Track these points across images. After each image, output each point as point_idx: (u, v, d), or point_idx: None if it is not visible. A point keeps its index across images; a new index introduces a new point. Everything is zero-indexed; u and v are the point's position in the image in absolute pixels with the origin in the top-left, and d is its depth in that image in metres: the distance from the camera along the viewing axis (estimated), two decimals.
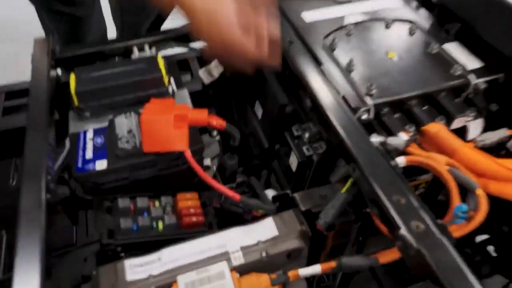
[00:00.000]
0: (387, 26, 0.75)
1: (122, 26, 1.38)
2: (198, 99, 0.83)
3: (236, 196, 0.52)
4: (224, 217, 0.66)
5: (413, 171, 0.59)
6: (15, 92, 1.32)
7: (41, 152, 0.51)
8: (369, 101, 0.60)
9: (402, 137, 0.58)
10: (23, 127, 1.18)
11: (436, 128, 0.59)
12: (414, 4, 0.82)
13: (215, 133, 0.85)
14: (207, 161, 0.82)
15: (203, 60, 0.84)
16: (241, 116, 0.85)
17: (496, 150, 0.66)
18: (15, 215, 1.01)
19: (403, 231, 0.43)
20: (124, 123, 0.63)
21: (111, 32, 1.42)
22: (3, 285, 0.79)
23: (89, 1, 1.25)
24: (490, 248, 0.84)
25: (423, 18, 0.78)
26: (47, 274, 0.43)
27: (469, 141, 0.64)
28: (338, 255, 0.63)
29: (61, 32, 1.25)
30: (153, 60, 0.66)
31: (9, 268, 0.93)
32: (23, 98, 1.33)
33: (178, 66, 0.80)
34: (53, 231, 0.60)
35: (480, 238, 0.84)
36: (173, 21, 0.75)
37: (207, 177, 0.53)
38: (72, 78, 0.62)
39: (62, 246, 0.91)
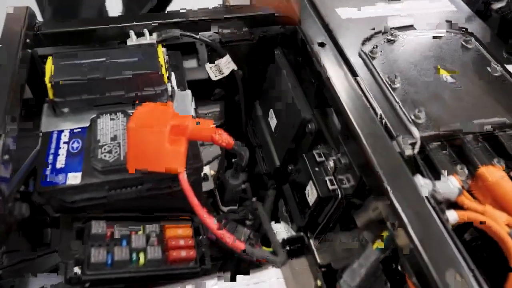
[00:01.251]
0: (438, 36, 0.62)
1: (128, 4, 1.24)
2: (204, 90, 0.71)
3: (240, 246, 0.41)
4: (219, 250, 0.54)
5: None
6: None
7: None
8: (416, 132, 0.47)
9: (454, 184, 0.46)
10: None
11: (497, 175, 0.47)
12: (467, 12, 0.69)
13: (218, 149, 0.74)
14: (205, 169, 0.70)
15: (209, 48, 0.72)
16: (251, 123, 0.73)
17: None
18: None
19: None
20: (108, 126, 0.51)
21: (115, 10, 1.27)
22: None
23: None
24: None
25: (479, 27, 0.65)
26: None
27: None
28: None
29: (53, 4, 1.10)
30: (151, 49, 0.53)
31: None
32: None
33: (183, 49, 0.67)
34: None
35: None
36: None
37: (202, 216, 0.41)
38: (49, 64, 0.50)
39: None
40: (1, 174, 0.39)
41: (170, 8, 1.24)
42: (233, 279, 0.48)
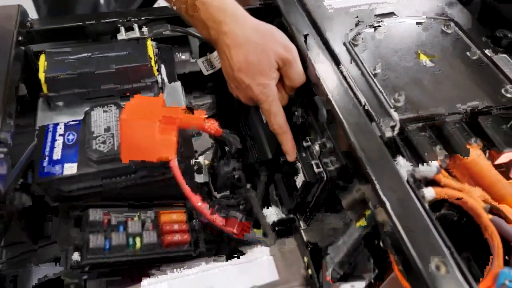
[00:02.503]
0: (420, 22, 0.64)
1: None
2: (197, 82, 0.73)
3: (231, 230, 0.43)
4: (213, 233, 0.57)
5: None
6: None
7: None
8: (395, 116, 0.50)
9: (433, 163, 0.48)
10: None
11: (474, 153, 0.49)
12: None
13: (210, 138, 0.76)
14: (199, 159, 0.72)
15: (200, 43, 0.74)
16: (243, 115, 0.75)
17: None
18: None
19: None
20: (102, 118, 0.53)
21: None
22: None
23: None
24: None
25: (460, 13, 0.67)
26: None
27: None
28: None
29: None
30: (141, 44, 0.55)
31: None
32: None
33: (175, 42, 0.69)
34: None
35: None
36: None
37: (194, 201, 0.44)
38: (42, 61, 0.52)
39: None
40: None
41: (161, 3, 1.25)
42: (227, 259, 0.50)
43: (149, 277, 0.49)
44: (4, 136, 0.42)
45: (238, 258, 0.51)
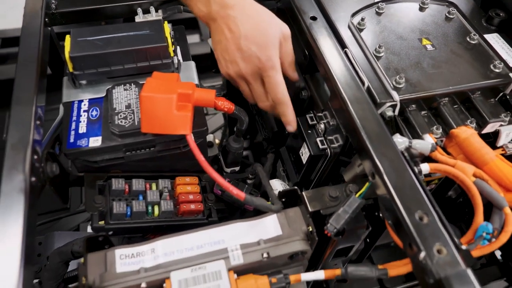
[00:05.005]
0: (423, 8, 0.67)
1: None
2: (207, 63, 0.77)
3: (241, 194, 0.47)
4: (224, 204, 0.62)
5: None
6: (12, 39, 1.25)
7: (27, 126, 0.45)
8: (396, 96, 0.53)
9: (428, 140, 0.52)
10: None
11: (466, 133, 0.53)
12: None
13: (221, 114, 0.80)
14: (210, 137, 0.77)
15: None
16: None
17: None
18: None
19: (424, 255, 0.39)
20: (122, 95, 0.57)
21: None
22: None
23: None
24: (497, 253, 0.81)
25: (463, 0, 0.70)
26: (28, 260, 0.39)
27: (498, 147, 0.58)
28: (342, 255, 0.60)
29: None
30: (158, 25, 0.59)
31: None
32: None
33: (186, 24, 0.72)
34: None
35: None
36: None
37: (209, 169, 0.48)
38: (67, 40, 0.56)
39: (55, 210, 0.88)
40: (35, 137, 0.46)
41: None
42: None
43: None
44: (38, 109, 0.47)
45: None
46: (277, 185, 0.61)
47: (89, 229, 0.79)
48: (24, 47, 0.52)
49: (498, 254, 0.82)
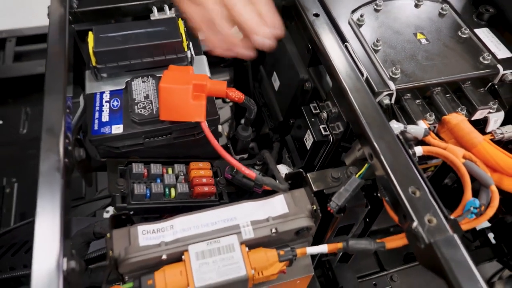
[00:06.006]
0: (418, 5, 0.71)
1: None
2: (215, 59, 0.81)
3: (252, 174, 0.52)
4: (234, 188, 0.67)
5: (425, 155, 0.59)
6: (27, 38, 1.31)
7: (59, 113, 0.50)
8: (392, 86, 0.58)
9: (422, 126, 0.57)
10: (35, 75, 1.17)
11: (457, 119, 0.58)
12: None
13: (230, 104, 0.85)
14: (219, 127, 0.81)
15: None
16: (257, 85, 0.84)
17: None
18: (26, 164, 1.03)
19: (416, 224, 0.44)
20: (141, 87, 0.62)
21: None
22: (16, 233, 0.83)
23: None
24: (490, 236, 0.86)
25: None
26: (67, 234, 0.44)
27: (487, 133, 0.63)
28: (344, 234, 0.65)
29: None
30: (173, 22, 0.64)
31: (21, 216, 0.96)
32: (34, 44, 1.32)
33: None
34: None
35: (481, 225, 0.85)
36: None
37: (224, 152, 0.53)
38: (90, 37, 0.61)
39: (73, 199, 0.93)
40: (66, 124, 0.51)
41: None
42: None
43: None
44: (67, 98, 0.52)
45: None
46: (283, 170, 0.66)
47: (105, 215, 0.84)
48: (52, 43, 0.57)
49: (491, 237, 0.87)
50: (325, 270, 0.81)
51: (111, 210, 0.83)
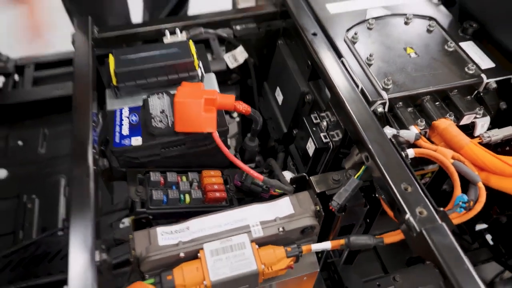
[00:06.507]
0: (407, 22, 0.78)
1: (151, 7, 1.41)
2: (221, 78, 0.88)
3: (260, 176, 0.58)
4: (243, 194, 0.72)
5: (421, 161, 0.64)
6: (44, 64, 1.39)
7: (87, 127, 0.57)
8: (385, 95, 0.64)
9: (413, 130, 0.63)
10: (52, 98, 1.24)
11: (445, 124, 0.63)
12: (435, 2, 0.85)
13: (235, 114, 0.91)
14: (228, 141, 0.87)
15: (226, 42, 0.89)
16: (262, 100, 0.90)
17: (501, 146, 0.70)
18: (44, 182, 1.09)
19: (409, 215, 0.49)
20: (157, 103, 0.68)
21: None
22: (38, 244, 0.88)
23: None
24: (488, 237, 0.90)
25: (442, 14, 0.81)
26: (97, 231, 0.49)
27: (476, 137, 0.68)
28: (346, 234, 0.70)
29: (82, 10, 1.28)
30: (185, 44, 0.70)
31: (42, 229, 1.02)
32: (51, 70, 1.40)
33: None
34: None
35: (479, 227, 0.89)
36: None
37: (234, 158, 0.59)
38: (111, 59, 0.67)
39: None
40: (93, 136, 0.57)
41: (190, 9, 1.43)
42: None
43: None
44: (93, 114, 0.58)
45: None
46: (288, 175, 0.71)
47: (121, 226, 0.89)
48: (78, 66, 0.64)
49: (489, 238, 0.91)
50: (331, 272, 0.85)
51: (126, 221, 0.88)
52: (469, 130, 0.69)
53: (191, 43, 0.71)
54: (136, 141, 0.65)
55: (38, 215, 1.02)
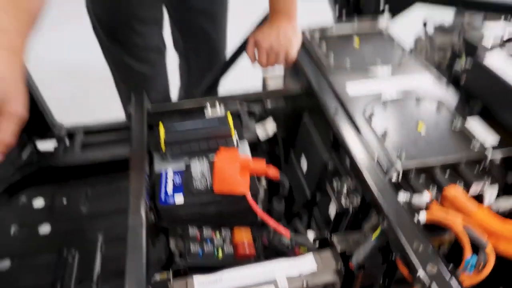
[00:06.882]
0: (418, 103, 0.89)
1: (187, 85, 1.59)
2: (251, 147, 0.99)
3: (287, 233, 0.65)
4: (270, 252, 0.79)
5: (438, 227, 0.71)
6: (92, 131, 1.56)
7: (141, 185, 0.67)
8: (398, 166, 0.73)
9: (425, 197, 0.70)
10: (97, 163, 1.38)
11: (455, 191, 0.70)
12: (444, 81, 0.96)
13: (263, 182, 1.00)
14: None
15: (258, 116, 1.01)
16: (288, 167, 0.99)
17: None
18: (83, 238, 1.20)
19: (420, 272, 0.55)
20: (197, 167, 0.79)
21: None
22: None
23: (156, 61, 1.43)
24: None
25: (450, 94, 0.91)
26: (148, 271, 0.57)
27: (487, 206, 0.74)
28: None
29: (128, 85, 1.45)
30: (224, 118, 0.83)
31: (80, 280, 1.09)
32: (97, 136, 1.56)
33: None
34: None
35: None
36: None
37: (265, 216, 0.67)
38: (162, 129, 0.80)
39: None
40: (146, 193, 0.67)
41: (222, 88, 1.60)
42: None
43: None
44: (146, 176, 0.69)
45: None
46: (311, 235, 0.78)
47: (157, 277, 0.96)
48: (135, 134, 0.77)
49: None
50: None
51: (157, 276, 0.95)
52: (479, 198, 0.75)
53: (229, 115, 0.83)
54: (179, 199, 0.74)
55: (77, 269, 1.10)
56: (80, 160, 1.41)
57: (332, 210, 0.78)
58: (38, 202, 1.34)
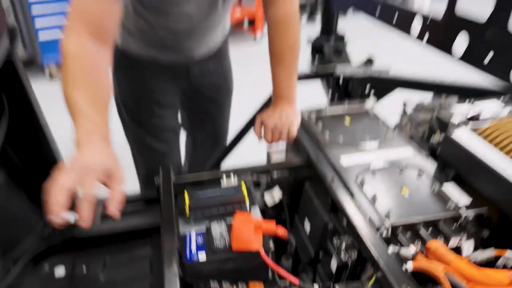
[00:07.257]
0: (402, 171, 1.05)
1: (191, 158, 1.77)
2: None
3: (297, 281, 0.77)
4: None
5: (428, 280, 0.82)
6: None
7: (173, 245, 0.80)
8: (387, 224, 0.86)
9: (411, 250, 0.83)
10: (119, 233, 1.50)
11: (436, 245, 0.83)
12: (423, 152, 1.13)
13: (271, 244, 1.12)
14: None
15: (266, 185, 1.16)
16: (292, 229, 1.12)
17: (491, 264, 0.88)
18: None
19: None
20: (217, 229, 0.92)
21: None
22: None
23: (172, 139, 1.63)
24: None
25: (429, 163, 1.08)
26: None
27: (466, 257, 0.87)
28: None
29: (146, 160, 1.62)
30: (239, 187, 0.98)
31: None
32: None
33: None
34: None
35: None
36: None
37: (277, 266, 0.79)
38: (186, 196, 0.95)
39: None
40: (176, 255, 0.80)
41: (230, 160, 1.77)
42: None
43: None
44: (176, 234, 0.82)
45: None
46: (317, 287, 0.89)
47: None
48: (165, 202, 0.91)
49: None
50: None
51: None
52: (459, 251, 0.88)
53: (243, 184, 0.98)
54: (202, 257, 0.87)
55: None
56: (99, 231, 1.54)
57: (334, 264, 0.90)
58: (60, 271, 1.44)
